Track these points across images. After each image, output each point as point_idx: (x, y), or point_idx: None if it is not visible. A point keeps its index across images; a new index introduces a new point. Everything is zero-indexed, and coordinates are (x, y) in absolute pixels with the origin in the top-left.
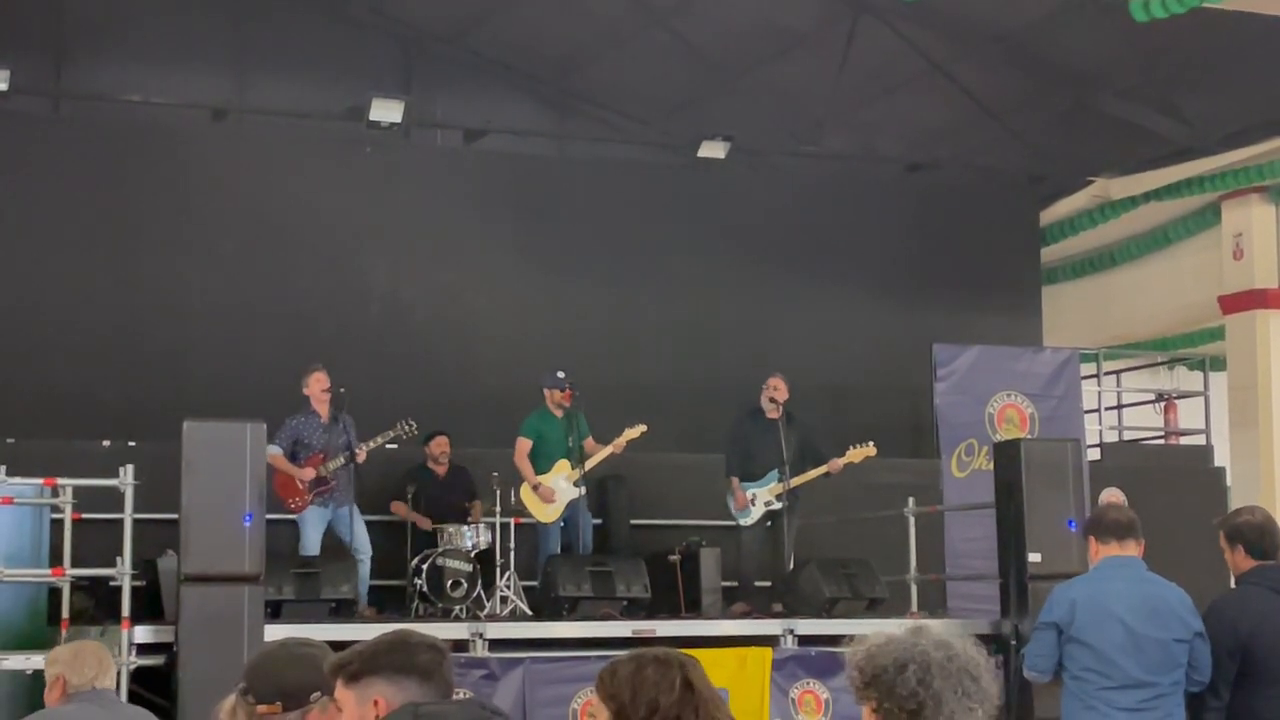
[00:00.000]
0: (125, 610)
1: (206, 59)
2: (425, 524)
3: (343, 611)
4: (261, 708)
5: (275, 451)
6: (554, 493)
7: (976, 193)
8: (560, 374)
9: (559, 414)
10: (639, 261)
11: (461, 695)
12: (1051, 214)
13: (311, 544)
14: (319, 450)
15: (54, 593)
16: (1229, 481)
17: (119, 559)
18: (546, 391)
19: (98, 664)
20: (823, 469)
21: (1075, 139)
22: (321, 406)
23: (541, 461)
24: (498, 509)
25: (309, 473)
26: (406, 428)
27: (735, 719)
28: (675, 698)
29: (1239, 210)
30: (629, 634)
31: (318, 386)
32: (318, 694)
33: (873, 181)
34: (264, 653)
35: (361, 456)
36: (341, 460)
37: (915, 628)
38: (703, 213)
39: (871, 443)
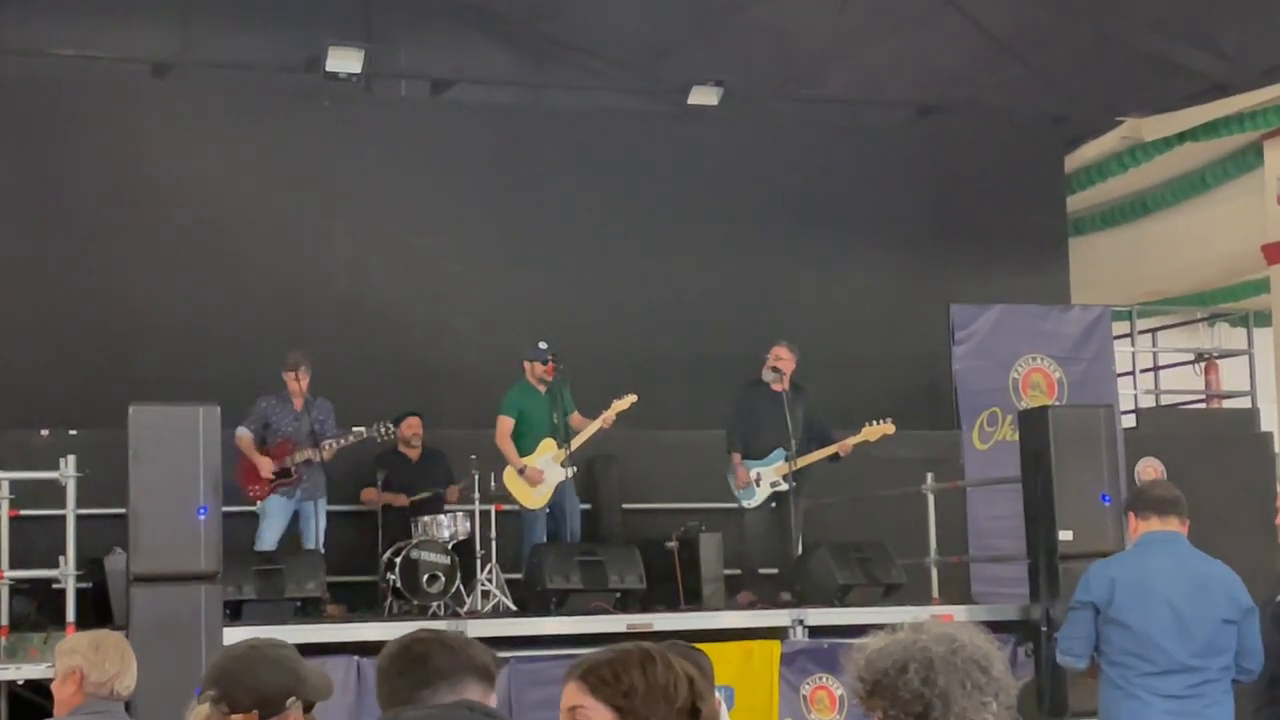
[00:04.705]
0: (70, 615)
1: (146, 8)
2: (401, 500)
3: (308, 611)
4: (236, 717)
5: (244, 434)
6: (541, 474)
7: (995, 137)
8: (542, 345)
9: (542, 389)
10: (625, 220)
11: None
12: (1078, 159)
13: (269, 538)
14: (288, 437)
15: None
16: (1277, 447)
17: (62, 559)
18: (527, 365)
19: (120, 661)
20: (831, 449)
21: (1102, 76)
22: (296, 398)
23: (525, 441)
24: (477, 495)
25: (267, 465)
26: (382, 430)
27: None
28: (686, 690)
29: None
30: (623, 629)
31: (293, 385)
32: (293, 699)
33: (881, 128)
34: (233, 656)
35: (328, 455)
36: (308, 454)
37: (916, 624)
38: (694, 165)
39: (890, 419)
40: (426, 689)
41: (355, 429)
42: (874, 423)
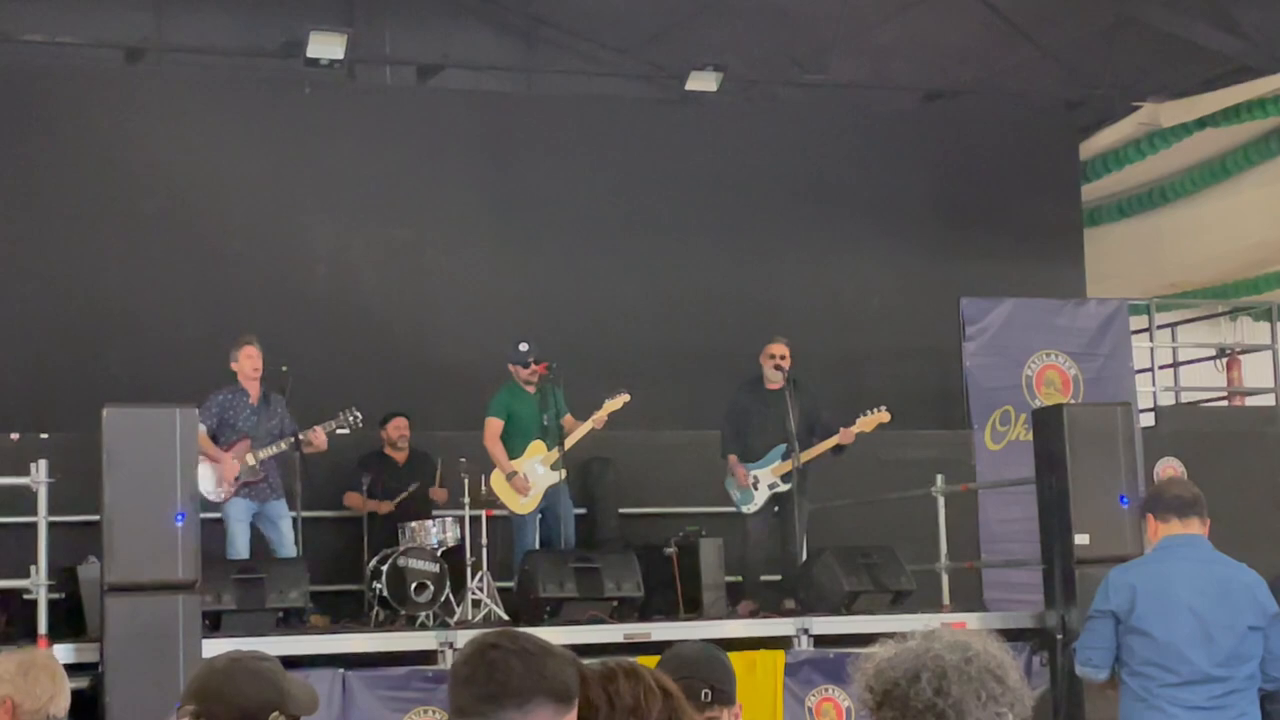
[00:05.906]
0: (42, 627)
1: None
2: (387, 507)
3: (291, 621)
4: None
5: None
6: (528, 483)
7: (1006, 123)
8: (523, 347)
9: (530, 390)
10: (621, 212)
11: (432, 713)
12: (1093, 146)
13: (240, 544)
14: (246, 434)
15: None
16: None
17: (33, 568)
18: (512, 368)
19: (51, 682)
20: (833, 441)
21: (1118, 59)
22: (251, 385)
23: (514, 443)
24: (466, 500)
25: (233, 468)
26: (351, 418)
27: None
28: (660, 705)
29: None
30: (620, 639)
31: (248, 364)
32: (276, 713)
33: (887, 113)
34: (214, 670)
35: (318, 437)
36: (274, 449)
37: (928, 632)
38: (692, 154)
39: (884, 407)
40: (492, 706)
41: (324, 423)
42: (868, 413)
